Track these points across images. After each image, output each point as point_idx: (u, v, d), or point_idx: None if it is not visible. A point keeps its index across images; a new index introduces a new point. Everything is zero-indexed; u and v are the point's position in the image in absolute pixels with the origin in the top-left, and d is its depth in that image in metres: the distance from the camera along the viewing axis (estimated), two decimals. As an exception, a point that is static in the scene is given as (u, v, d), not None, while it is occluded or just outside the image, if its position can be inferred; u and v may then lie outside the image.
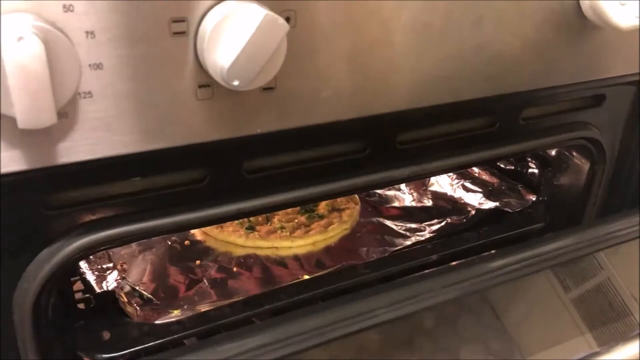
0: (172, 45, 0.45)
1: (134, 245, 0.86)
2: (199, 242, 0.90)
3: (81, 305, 0.73)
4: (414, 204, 1.02)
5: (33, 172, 0.47)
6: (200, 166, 0.57)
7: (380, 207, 1.01)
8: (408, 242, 0.89)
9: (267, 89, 0.50)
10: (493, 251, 0.67)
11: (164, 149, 0.49)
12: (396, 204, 1.02)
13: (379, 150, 0.65)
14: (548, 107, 0.75)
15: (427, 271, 0.63)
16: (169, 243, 0.88)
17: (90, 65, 0.43)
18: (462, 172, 1.02)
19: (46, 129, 0.44)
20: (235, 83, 0.45)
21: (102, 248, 0.56)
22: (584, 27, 0.64)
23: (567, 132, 0.77)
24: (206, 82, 0.47)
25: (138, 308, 0.73)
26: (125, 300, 0.73)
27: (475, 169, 1.03)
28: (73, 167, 0.48)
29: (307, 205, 0.96)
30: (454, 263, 0.64)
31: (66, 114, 0.44)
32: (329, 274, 0.82)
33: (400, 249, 0.86)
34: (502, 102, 0.68)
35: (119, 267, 0.81)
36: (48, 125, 0.40)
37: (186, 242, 0.89)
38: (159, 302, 0.75)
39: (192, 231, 0.91)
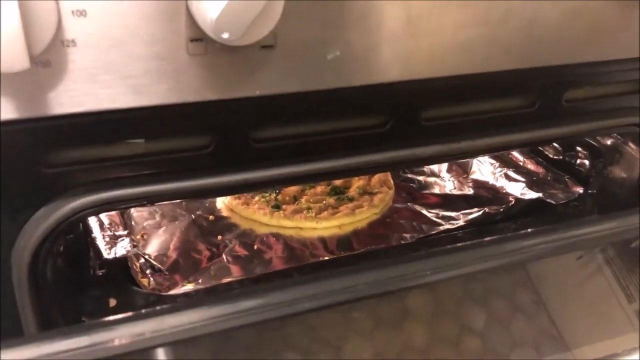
0: (160, -6, 0.42)
1: (157, 216, 0.85)
2: (223, 217, 0.88)
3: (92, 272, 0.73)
4: (454, 191, 0.96)
5: (23, 122, 0.46)
6: (204, 132, 0.54)
7: (417, 193, 0.96)
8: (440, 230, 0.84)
9: (266, 46, 0.47)
10: (529, 230, 0.61)
11: (157, 106, 0.47)
12: (436, 190, 0.97)
13: (401, 126, 0.61)
14: (595, 87, 0.68)
15: (459, 244, 0.58)
16: (193, 217, 0.86)
17: (73, 11, 0.41)
18: (505, 160, 0.95)
19: (30, 78, 0.43)
20: (225, 35, 0.42)
21: (100, 210, 0.54)
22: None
23: (617, 117, 0.70)
24: (198, 35, 0.44)
25: (152, 279, 0.72)
26: (138, 270, 0.72)
27: (520, 157, 0.96)
28: (65, 121, 0.47)
29: (334, 186, 0.93)
30: (487, 239, 0.58)
31: (49, 62, 0.42)
32: (351, 256, 0.79)
33: (427, 235, 0.81)
34: (541, 78, 0.62)
35: (139, 236, 0.80)
36: (20, 70, 0.38)
37: (211, 217, 0.87)
38: (172, 274, 0.73)
39: (218, 207, 0.90)
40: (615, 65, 0.62)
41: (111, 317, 0.49)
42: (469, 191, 0.95)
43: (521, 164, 0.95)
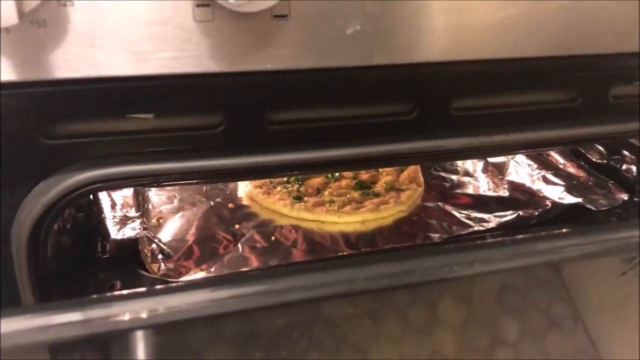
0: (165, -48, 0.39)
1: (175, 201, 0.83)
2: (243, 206, 0.85)
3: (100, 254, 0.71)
4: (488, 192, 0.91)
5: (22, 86, 0.43)
6: (215, 109, 0.51)
7: (449, 192, 0.91)
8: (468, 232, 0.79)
9: (279, 16, 0.43)
10: (564, 230, 0.56)
11: (161, 76, 0.44)
12: (469, 190, 0.92)
13: (429, 115, 0.57)
14: (648, 83, 0.62)
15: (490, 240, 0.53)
16: (212, 204, 0.84)
17: (70, -33, 0.38)
18: (544, 162, 0.90)
19: (27, 38, 0.40)
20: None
21: (103, 187, 0.52)
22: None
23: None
24: (204, 0, 0.41)
25: (162, 264, 0.69)
26: (149, 254, 0.70)
27: (560, 160, 0.90)
28: (63, 88, 0.44)
29: (360, 180, 0.89)
30: (519, 237, 0.53)
31: (44, 22, 0.39)
32: (372, 253, 0.74)
33: (455, 236, 0.77)
34: (584, 69, 0.57)
35: (154, 220, 0.78)
36: (8, 25, 0.36)
37: (230, 205, 0.84)
38: (185, 261, 0.71)
39: (239, 194, 0.87)
40: (669, 58, 0.56)
41: (108, 294, 0.46)
42: (504, 193, 0.90)
43: (561, 166, 0.89)
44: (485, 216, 0.83)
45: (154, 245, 0.71)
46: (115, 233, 0.70)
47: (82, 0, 0.39)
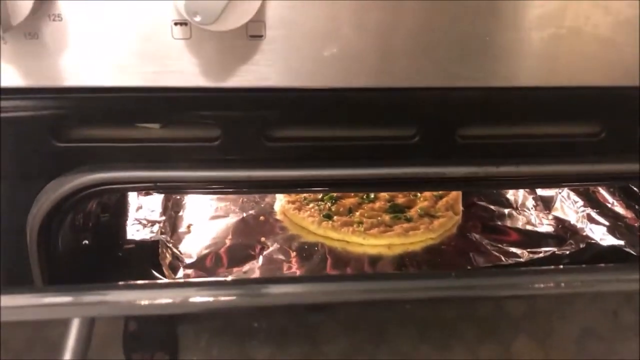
0: (143, -26, 0.42)
1: (210, 210, 0.86)
2: (275, 220, 0.86)
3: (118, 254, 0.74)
4: (529, 227, 0.86)
5: (28, 92, 0.48)
6: (213, 123, 0.53)
7: (490, 223, 0.88)
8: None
9: (255, 36, 0.45)
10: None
11: (158, 88, 0.47)
12: (512, 223, 0.88)
13: (431, 140, 0.56)
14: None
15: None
16: (244, 215, 0.86)
17: (59, -15, 0.42)
18: (591, 198, 0.84)
19: (23, 48, 0.44)
20: (197, 19, 0.40)
21: (108, 190, 0.55)
22: None
23: None
24: (182, 19, 0.43)
25: (182, 271, 0.72)
26: (169, 259, 0.73)
27: (609, 198, 0.84)
28: (62, 96, 0.48)
29: (395, 204, 0.88)
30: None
31: (36, 34, 0.43)
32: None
33: (476, 269, 0.74)
34: (603, 100, 0.53)
35: (185, 228, 0.81)
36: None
37: (261, 218, 0.86)
38: (202, 268, 0.73)
39: (275, 208, 0.89)
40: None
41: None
42: (548, 229, 0.85)
43: (609, 205, 0.83)
44: (518, 251, 0.79)
45: (173, 251, 0.74)
46: (133, 234, 0.74)
47: (69, 16, 0.43)
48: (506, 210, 0.91)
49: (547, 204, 0.89)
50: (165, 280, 0.53)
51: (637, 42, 0.47)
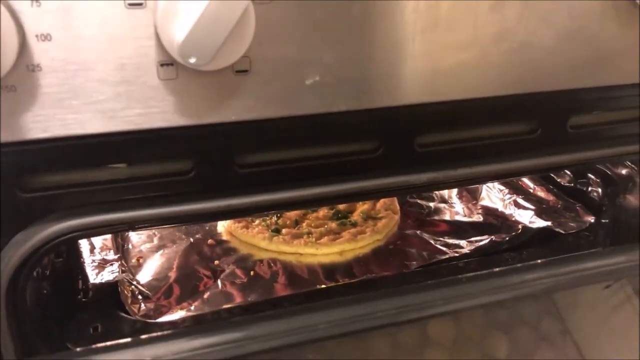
0: (128, 18, 0.41)
1: (155, 239, 0.84)
2: (223, 241, 0.86)
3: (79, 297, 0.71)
4: (463, 218, 0.93)
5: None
6: (185, 156, 0.53)
7: (426, 219, 0.93)
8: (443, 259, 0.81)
9: (241, 71, 0.45)
10: (538, 261, 0.58)
11: (129, 132, 0.46)
12: (445, 217, 0.94)
13: (394, 152, 0.59)
14: (603, 113, 0.64)
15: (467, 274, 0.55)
16: (192, 240, 0.85)
17: (37, 35, 0.40)
18: (515, 187, 0.92)
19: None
20: (192, 60, 0.40)
21: (80, 235, 0.53)
22: (641, 17, 0.54)
23: (628, 145, 0.66)
24: (168, 60, 0.43)
25: (142, 305, 0.70)
26: (129, 295, 0.71)
27: (531, 184, 0.92)
28: (36, 146, 0.46)
29: (338, 210, 0.91)
30: (496, 269, 0.55)
31: (14, 87, 0.41)
32: (350, 285, 0.76)
33: (430, 264, 0.78)
34: (540, 104, 0.59)
35: (134, 260, 0.79)
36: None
37: (210, 241, 0.86)
38: (165, 300, 0.72)
39: (219, 230, 0.89)
40: (619, 91, 0.59)
41: (91, 346, 0.47)
42: (478, 218, 0.92)
43: (531, 190, 0.92)
44: (460, 242, 0.85)
45: (133, 287, 0.72)
46: (94, 277, 0.71)
47: (49, 64, 0.41)
48: (438, 205, 0.97)
49: (473, 195, 0.96)
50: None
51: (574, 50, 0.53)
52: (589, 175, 0.84)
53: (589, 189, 0.84)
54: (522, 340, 0.84)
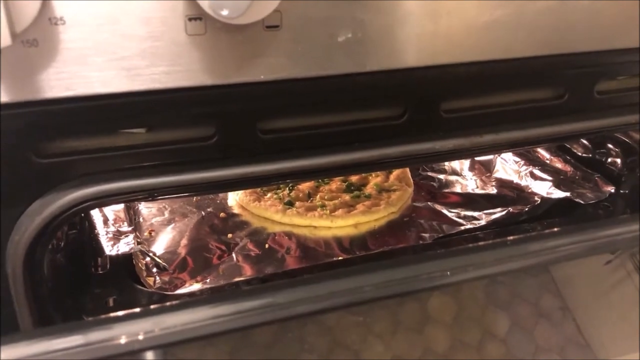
0: (156, -33, 0.39)
1: (166, 213, 0.83)
2: (235, 215, 0.85)
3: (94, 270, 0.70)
4: (477, 191, 0.92)
5: (14, 107, 0.43)
6: (207, 121, 0.51)
7: (438, 192, 0.92)
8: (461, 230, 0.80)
9: (271, 26, 0.43)
10: (554, 229, 0.57)
11: (154, 91, 0.44)
12: (457, 189, 0.93)
13: (419, 118, 0.57)
14: (631, 78, 0.63)
15: (480, 243, 0.53)
16: (203, 214, 0.83)
17: (61, -14, 0.38)
18: (531, 158, 0.91)
19: (19, 59, 0.40)
20: (224, 12, 0.38)
21: (99, 203, 0.52)
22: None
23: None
24: (196, 14, 0.41)
25: (157, 278, 0.69)
26: (144, 268, 0.69)
27: (547, 155, 0.91)
28: (57, 107, 0.44)
29: (350, 183, 0.89)
30: (510, 238, 0.54)
31: (36, 41, 0.39)
32: (366, 256, 0.75)
33: (447, 235, 0.77)
34: (570, 66, 0.58)
35: (146, 234, 0.77)
36: (2, 46, 0.35)
37: (222, 215, 0.84)
38: (180, 273, 0.70)
39: (230, 204, 0.87)
40: (652, 53, 0.58)
41: (109, 315, 0.45)
42: (492, 190, 0.91)
43: (548, 162, 0.91)
44: (475, 214, 0.84)
45: (148, 259, 0.71)
46: (110, 249, 0.69)
47: (73, 17, 0.39)
48: (452, 178, 0.95)
49: (487, 167, 0.95)
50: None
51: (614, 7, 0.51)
52: (608, 145, 0.83)
53: (608, 159, 0.83)
54: (522, 317, 0.84)
